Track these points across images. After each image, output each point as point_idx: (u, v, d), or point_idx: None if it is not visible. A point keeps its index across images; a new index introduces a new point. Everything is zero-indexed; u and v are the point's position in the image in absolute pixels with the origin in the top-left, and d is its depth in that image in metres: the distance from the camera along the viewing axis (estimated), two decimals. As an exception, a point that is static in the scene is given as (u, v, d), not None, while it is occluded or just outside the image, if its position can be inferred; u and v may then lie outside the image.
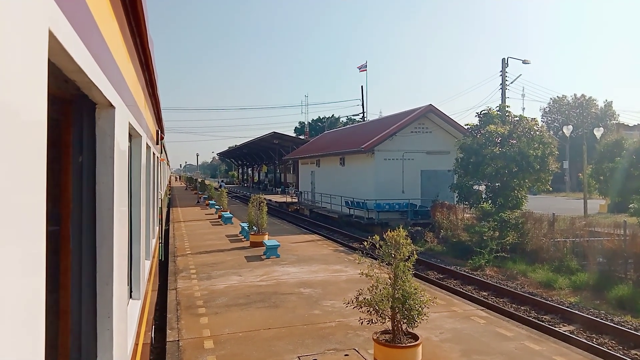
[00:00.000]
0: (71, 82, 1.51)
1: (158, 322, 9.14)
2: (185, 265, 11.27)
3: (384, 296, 5.03)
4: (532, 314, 10.73)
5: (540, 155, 18.85)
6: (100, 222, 1.91)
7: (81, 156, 1.82)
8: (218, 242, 14.96)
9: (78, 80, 1.50)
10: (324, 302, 7.98)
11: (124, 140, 2.42)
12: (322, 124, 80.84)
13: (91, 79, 1.48)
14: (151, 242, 6.20)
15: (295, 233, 17.78)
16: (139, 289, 3.75)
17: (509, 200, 19.03)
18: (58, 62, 1.26)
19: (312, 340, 6.21)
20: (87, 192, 1.86)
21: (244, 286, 9.18)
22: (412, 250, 5.21)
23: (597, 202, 30.93)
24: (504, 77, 31.21)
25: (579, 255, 14.45)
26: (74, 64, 1.27)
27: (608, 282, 12.29)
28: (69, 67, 1.31)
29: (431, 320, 6.06)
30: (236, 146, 73.23)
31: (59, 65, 1.28)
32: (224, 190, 25.53)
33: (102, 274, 1.91)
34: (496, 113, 21.15)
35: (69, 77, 1.44)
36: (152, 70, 4.00)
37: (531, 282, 13.58)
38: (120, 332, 2.18)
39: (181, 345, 6.05)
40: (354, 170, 28.27)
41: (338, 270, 10.65)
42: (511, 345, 6.02)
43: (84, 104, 1.80)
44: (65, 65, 1.29)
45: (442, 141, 26.11)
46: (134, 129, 3.27)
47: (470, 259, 15.88)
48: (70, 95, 1.67)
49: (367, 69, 53.77)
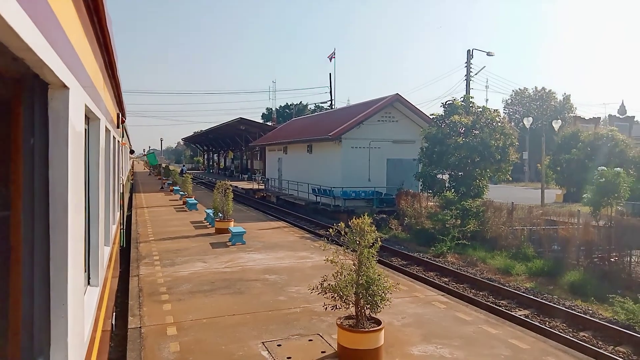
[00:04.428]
0: (20, 60, 1.43)
1: (120, 309, 8.96)
2: (148, 252, 11.06)
3: (348, 282, 5.09)
4: (490, 299, 11.14)
5: (501, 146, 19.44)
6: (53, 207, 1.84)
7: (33, 138, 1.74)
8: (182, 229, 14.73)
9: (27, 59, 1.42)
10: (290, 289, 8.02)
11: (80, 122, 2.33)
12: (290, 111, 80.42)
13: (41, 58, 1.40)
14: (111, 228, 6.04)
15: (261, 220, 17.71)
16: (97, 276, 3.66)
17: (471, 189, 19.58)
18: (3, 38, 1.19)
19: (276, 326, 6.24)
20: (40, 176, 1.78)
21: (208, 273, 9.10)
22: (376, 237, 5.28)
23: (554, 192, 32.22)
24: (469, 69, 31.84)
25: (535, 243, 15.07)
26: (21, 41, 1.20)
27: (561, 268, 12.89)
28: (16, 43, 1.24)
29: (394, 306, 6.19)
30: (202, 131, 71.88)
31: (4, 41, 1.21)
32: (188, 176, 25.11)
33: (55, 260, 1.85)
34: (460, 104, 21.60)
35: (16, 55, 1.37)
36: (111, 50, 3.84)
37: (490, 269, 14.07)
38: (76, 319, 2.13)
39: (143, 332, 5.96)
40: (322, 158, 28.33)
41: (304, 257, 10.70)
42: (470, 329, 6.24)
43: (35, 84, 1.72)
44: (11, 41, 1.22)
45: (408, 130, 26.47)
46: (92, 112, 3.16)
47: (433, 246, 16.28)
48: (20, 75, 1.59)
49: (336, 57, 53.74)
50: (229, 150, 67.15)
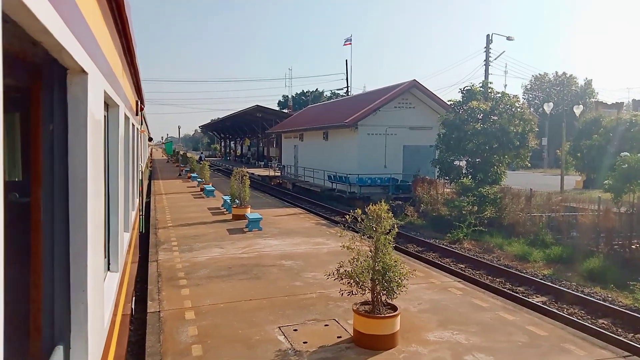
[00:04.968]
0: (39, 44, 1.44)
1: (139, 294, 9.14)
2: (167, 238, 11.22)
3: (364, 268, 5.10)
4: (507, 286, 11.06)
5: (520, 132, 19.09)
6: (73, 193, 1.85)
7: (52, 124, 1.75)
8: (200, 215, 14.90)
9: (45, 42, 1.42)
10: (305, 274, 8.07)
11: (99, 109, 2.34)
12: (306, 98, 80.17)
13: (59, 41, 1.40)
14: (130, 215, 6.13)
15: (277, 206, 17.80)
16: (117, 262, 3.72)
17: (488, 176, 19.33)
18: (21, 21, 1.19)
19: (292, 311, 6.30)
20: (59, 162, 1.79)
21: (225, 258, 9.21)
22: (393, 224, 5.26)
23: (574, 178, 31.63)
24: (488, 54, 31.23)
25: (553, 230, 14.86)
26: (39, 23, 1.20)
27: (580, 255, 12.70)
28: (34, 26, 1.24)
29: (410, 292, 6.19)
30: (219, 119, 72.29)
31: (22, 24, 1.21)
32: (205, 163, 25.30)
33: (75, 246, 1.86)
34: (479, 89, 21.22)
35: (35, 39, 1.37)
36: (129, 37, 3.85)
37: (507, 255, 13.94)
38: (96, 304, 2.16)
39: (162, 316, 6.08)
40: (337, 145, 28.24)
41: (320, 243, 10.75)
42: (486, 316, 6.21)
43: (54, 69, 1.73)
44: (28, 24, 1.22)
45: (425, 117, 26.18)
46: (111, 98, 3.18)
47: (449, 233, 16.18)
48: (39, 59, 1.60)
49: (352, 43, 53.15)
50: (246, 137, 67.38)
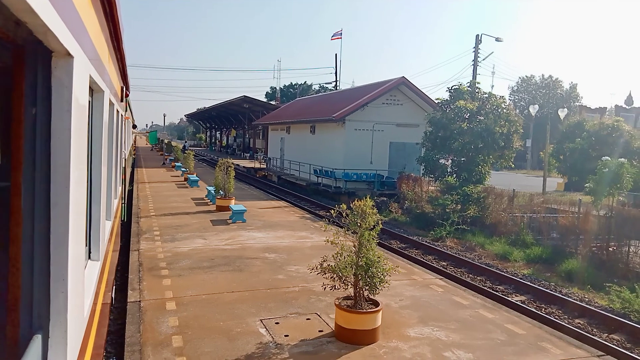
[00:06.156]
0: (23, 25, 1.39)
1: (119, 283, 9.04)
2: (149, 227, 11.10)
3: (347, 263, 5.11)
4: (488, 284, 11.21)
5: (505, 133, 19.32)
6: (54, 179, 1.80)
7: (35, 108, 1.70)
8: (183, 205, 14.77)
9: (30, 23, 1.37)
10: (289, 268, 8.07)
11: (84, 93, 2.29)
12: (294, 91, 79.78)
13: (45, 22, 1.35)
14: (113, 203, 6.04)
15: (262, 199, 17.74)
16: (98, 250, 3.66)
17: (472, 175, 19.54)
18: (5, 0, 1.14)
19: (275, 304, 6.29)
20: (41, 147, 1.74)
21: (208, 249, 9.15)
22: (377, 220, 5.28)
23: (556, 181, 32.18)
24: (477, 54, 31.44)
25: (534, 230, 15.10)
26: (24, 2, 1.16)
27: (559, 256, 12.94)
28: (18, 5, 1.19)
29: (392, 288, 6.23)
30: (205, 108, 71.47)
31: (7, 2, 1.17)
32: (190, 153, 25.07)
33: (56, 234, 1.81)
34: (466, 89, 21.40)
35: (20, 19, 1.32)
36: (117, 21, 3.77)
37: (488, 254, 14.13)
38: (77, 293, 2.12)
39: (142, 306, 6.02)
40: (324, 139, 28.21)
41: (304, 237, 10.74)
42: (466, 313, 6.29)
43: (38, 51, 1.67)
44: (13, 3, 1.17)
45: (413, 114, 26.29)
46: (96, 83, 3.11)
47: (432, 230, 16.33)
48: (23, 40, 1.54)
49: (342, 38, 53.01)
50: (232, 128, 66.89)
